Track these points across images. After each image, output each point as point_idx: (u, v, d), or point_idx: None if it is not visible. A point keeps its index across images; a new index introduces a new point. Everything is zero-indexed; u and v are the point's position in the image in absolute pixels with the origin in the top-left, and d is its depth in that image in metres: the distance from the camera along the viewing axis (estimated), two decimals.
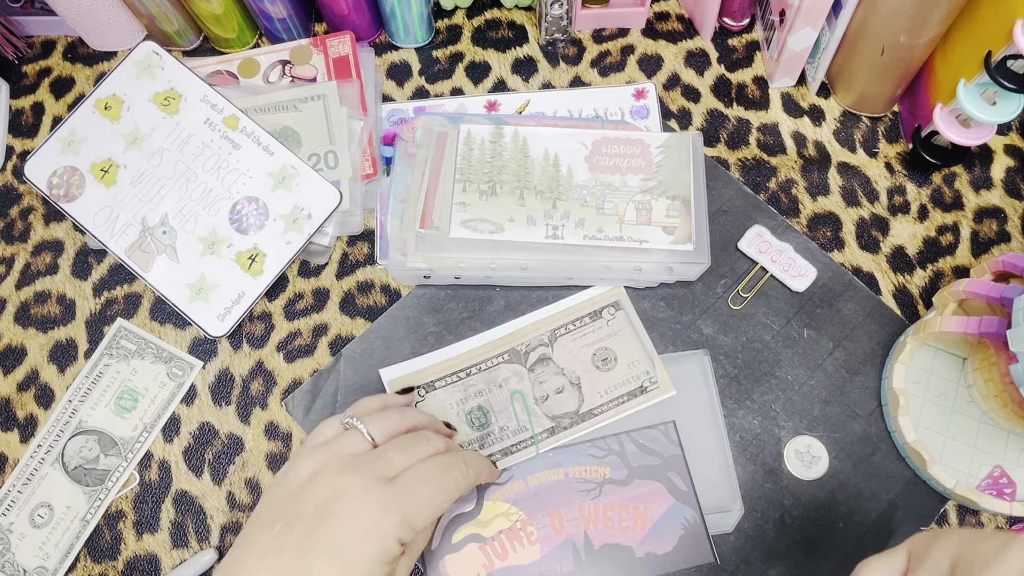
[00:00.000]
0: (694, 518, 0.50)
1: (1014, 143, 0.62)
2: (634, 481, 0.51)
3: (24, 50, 0.68)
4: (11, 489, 0.54)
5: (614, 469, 0.51)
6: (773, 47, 0.62)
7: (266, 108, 0.59)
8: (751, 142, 0.62)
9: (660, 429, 0.52)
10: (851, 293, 0.57)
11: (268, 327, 0.58)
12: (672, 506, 0.50)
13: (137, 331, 0.58)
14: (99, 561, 0.53)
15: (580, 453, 0.52)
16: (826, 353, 0.55)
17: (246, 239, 0.56)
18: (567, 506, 0.51)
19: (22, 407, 0.57)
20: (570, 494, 0.51)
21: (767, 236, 0.58)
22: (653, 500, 0.51)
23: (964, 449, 0.52)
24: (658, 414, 0.53)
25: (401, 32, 0.65)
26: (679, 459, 0.51)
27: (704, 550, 0.49)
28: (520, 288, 0.58)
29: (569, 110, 0.63)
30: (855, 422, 0.54)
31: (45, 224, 0.62)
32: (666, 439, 0.52)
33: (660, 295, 0.57)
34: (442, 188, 0.55)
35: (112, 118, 0.57)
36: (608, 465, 0.52)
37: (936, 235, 0.59)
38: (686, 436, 0.52)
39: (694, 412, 0.53)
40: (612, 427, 0.53)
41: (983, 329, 0.47)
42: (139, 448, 0.55)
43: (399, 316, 0.57)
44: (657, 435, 0.52)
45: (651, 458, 0.52)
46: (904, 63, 0.56)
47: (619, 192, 0.54)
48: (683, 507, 0.50)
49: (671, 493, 0.51)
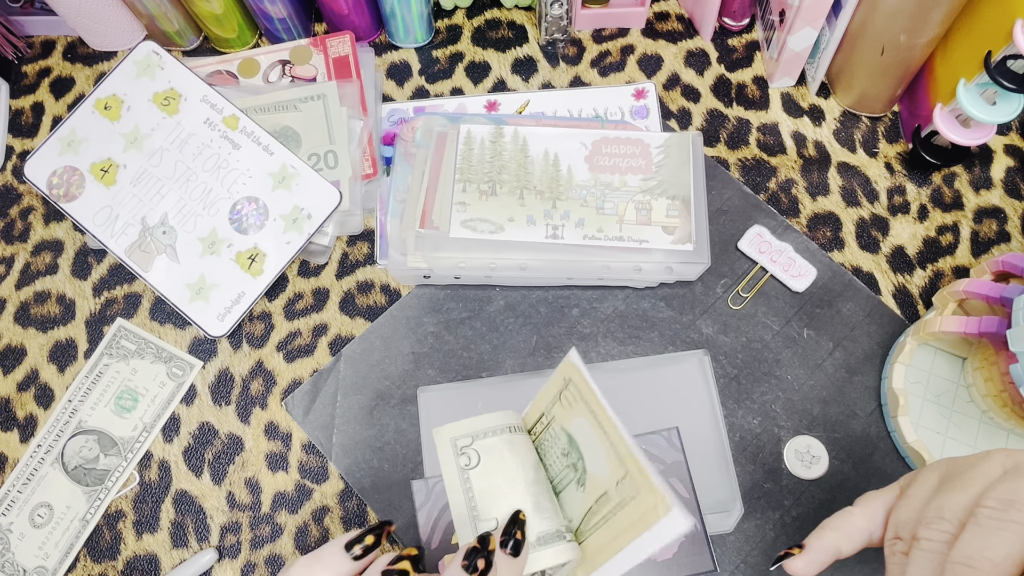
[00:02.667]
0: (695, 526, 0.50)
1: (1014, 143, 0.62)
2: None
3: (24, 50, 0.68)
4: (11, 489, 0.54)
5: None
6: (773, 47, 0.62)
7: (266, 108, 0.59)
8: (751, 142, 0.62)
9: (663, 435, 0.52)
10: (851, 293, 0.57)
11: (268, 327, 0.58)
12: None
13: (137, 331, 0.58)
14: (99, 561, 0.53)
15: None
16: (826, 353, 0.55)
17: (246, 239, 0.56)
18: None
19: (22, 407, 0.57)
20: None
21: (767, 236, 0.58)
22: None
23: (964, 449, 0.52)
24: (660, 416, 0.53)
25: (401, 32, 0.65)
26: (681, 466, 0.51)
27: (704, 559, 0.49)
28: (520, 288, 0.58)
29: (569, 110, 0.63)
30: (855, 422, 0.54)
31: (45, 224, 0.62)
32: (669, 445, 0.52)
33: (660, 295, 0.57)
34: (442, 188, 0.55)
35: (112, 118, 0.57)
36: None
37: (936, 235, 0.59)
38: (686, 436, 0.52)
39: (694, 412, 0.53)
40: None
41: (983, 329, 0.47)
42: (139, 448, 0.55)
43: (399, 316, 0.57)
44: (660, 441, 0.52)
45: (653, 464, 0.51)
46: (904, 63, 0.56)
47: (619, 192, 0.54)
48: None
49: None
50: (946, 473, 0.34)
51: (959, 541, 0.30)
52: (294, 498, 0.54)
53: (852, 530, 0.37)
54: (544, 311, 0.57)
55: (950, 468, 0.34)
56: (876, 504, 0.37)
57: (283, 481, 0.54)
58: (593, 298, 0.57)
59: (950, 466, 0.35)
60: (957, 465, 0.34)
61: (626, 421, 0.53)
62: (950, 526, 0.31)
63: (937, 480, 0.34)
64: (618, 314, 0.57)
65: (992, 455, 0.33)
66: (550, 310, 0.57)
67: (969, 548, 0.29)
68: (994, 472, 0.32)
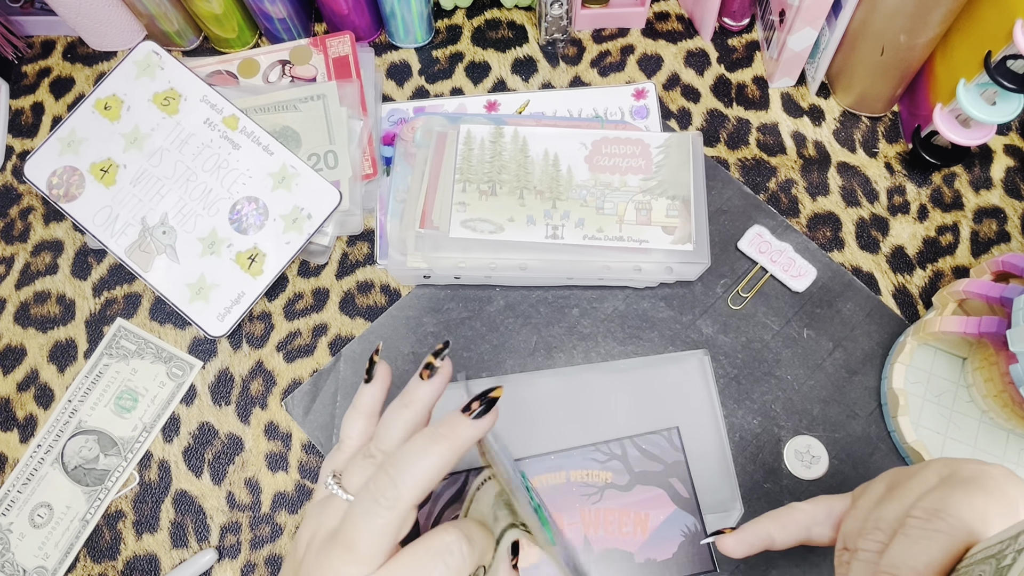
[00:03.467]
0: (695, 525, 0.50)
1: (1014, 143, 0.62)
2: (636, 487, 0.51)
3: (24, 50, 0.68)
4: (11, 489, 0.54)
5: (616, 474, 0.51)
6: (773, 47, 0.62)
7: (266, 108, 0.59)
8: (751, 142, 0.62)
9: (663, 435, 0.52)
10: (851, 293, 0.57)
11: (268, 327, 0.58)
12: (673, 513, 0.50)
13: (137, 331, 0.58)
14: (99, 561, 0.53)
15: (582, 457, 0.52)
16: (826, 353, 0.55)
17: (246, 239, 0.56)
18: (568, 510, 0.51)
19: (22, 407, 0.57)
20: (571, 498, 0.51)
21: (767, 236, 0.58)
22: (654, 506, 0.50)
23: (964, 449, 0.52)
24: (659, 416, 0.53)
25: (401, 32, 0.65)
26: (682, 465, 0.51)
27: (704, 558, 0.49)
28: (520, 288, 0.58)
29: (569, 110, 0.63)
30: (855, 422, 0.54)
31: (45, 224, 0.62)
32: (669, 445, 0.52)
33: (660, 295, 0.57)
34: (442, 188, 0.55)
35: (112, 118, 0.57)
36: (610, 470, 0.51)
37: (936, 235, 0.59)
38: (686, 436, 0.52)
39: (694, 412, 0.53)
40: (615, 432, 0.52)
41: (983, 329, 0.47)
42: (139, 448, 0.55)
43: (399, 316, 0.57)
44: (660, 440, 0.52)
45: (654, 464, 0.51)
46: (904, 63, 0.56)
47: (619, 192, 0.54)
48: (684, 514, 0.50)
49: (672, 500, 0.51)
50: (891, 483, 0.35)
51: (887, 550, 0.30)
52: (294, 498, 0.54)
53: (789, 522, 0.38)
54: (544, 311, 0.57)
55: (895, 478, 0.35)
56: (821, 505, 0.38)
57: (283, 481, 0.54)
58: (593, 298, 0.57)
59: (895, 476, 0.35)
60: (902, 475, 0.35)
61: (627, 421, 0.54)
62: (884, 536, 0.31)
63: (884, 490, 0.35)
64: (618, 314, 0.57)
65: (932, 464, 0.34)
66: (550, 310, 0.57)
67: (895, 557, 0.30)
68: (930, 481, 0.33)
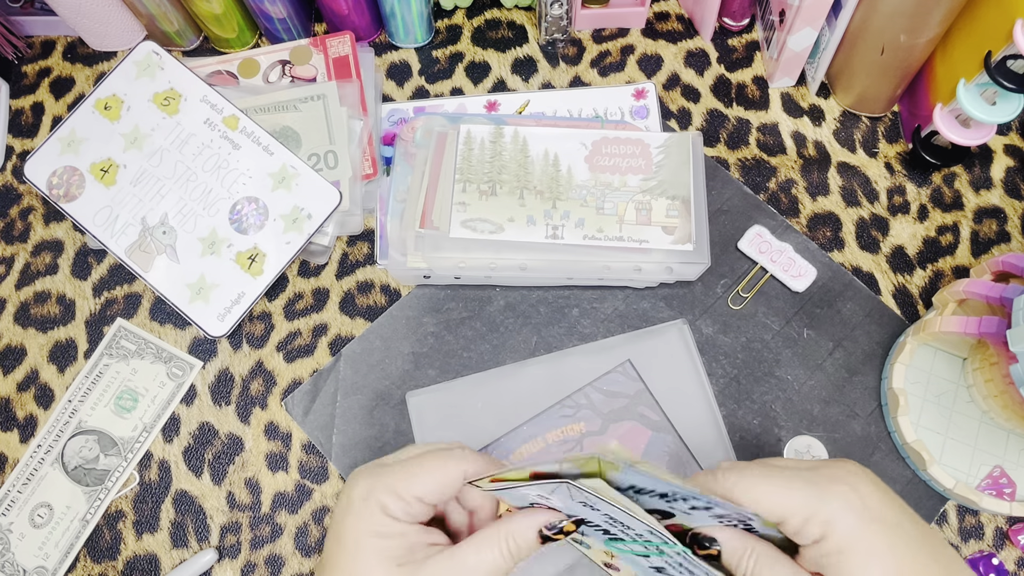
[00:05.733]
0: (675, 442, 0.51)
1: (1014, 143, 0.62)
2: (609, 427, 0.52)
3: (24, 50, 0.68)
4: (11, 489, 0.54)
5: (588, 422, 0.53)
6: (773, 47, 0.62)
7: (266, 108, 0.59)
8: (751, 142, 0.62)
9: (619, 371, 0.54)
10: (851, 293, 0.57)
11: (268, 327, 0.58)
12: (651, 438, 0.52)
13: (137, 331, 0.58)
14: (99, 561, 0.53)
15: (552, 417, 0.53)
16: (826, 353, 0.55)
17: (246, 239, 0.56)
18: None
19: (22, 407, 0.57)
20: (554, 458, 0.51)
21: (767, 236, 0.58)
22: (631, 438, 0.52)
23: (964, 449, 0.52)
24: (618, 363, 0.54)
25: (401, 32, 0.65)
26: (644, 393, 0.53)
27: (693, 470, 0.50)
28: (520, 288, 0.58)
29: (569, 110, 0.63)
30: (855, 422, 0.54)
31: (45, 224, 0.62)
32: (627, 378, 0.53)
33: (660, 295, 0.57)
34: (442, 188, 0.55)
35: (112, 118, 0.57)
36: (582, 420, 0.53)
37: (936, 235, 0.59)
38: (673, 404, 0.53)
39: (679, 386, 0.54)
40: (575, 383, 0.54)
41: (983, 329, 0.47)
42: (139, 448, 0.55)
43: (399, 316, 0.57)
44: (618, 377, 0.53)
45: (618, 400, 0.53)
46: (904, 63, 0.56)
47: (619, 192, 0.54)
48: (661, 435, 0.52)
49: (646, 426, 0.52)
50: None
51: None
52: (294, 498, 0.54)
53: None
54: (544, 311, 0.57)
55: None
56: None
57: (283, 481, 0.54)
58: (593, 298, 0.57)
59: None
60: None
61: (587, 374, 0.54)
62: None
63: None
64: (618, 314, 0.57)
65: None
66: (550, 310, 0.57)
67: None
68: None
